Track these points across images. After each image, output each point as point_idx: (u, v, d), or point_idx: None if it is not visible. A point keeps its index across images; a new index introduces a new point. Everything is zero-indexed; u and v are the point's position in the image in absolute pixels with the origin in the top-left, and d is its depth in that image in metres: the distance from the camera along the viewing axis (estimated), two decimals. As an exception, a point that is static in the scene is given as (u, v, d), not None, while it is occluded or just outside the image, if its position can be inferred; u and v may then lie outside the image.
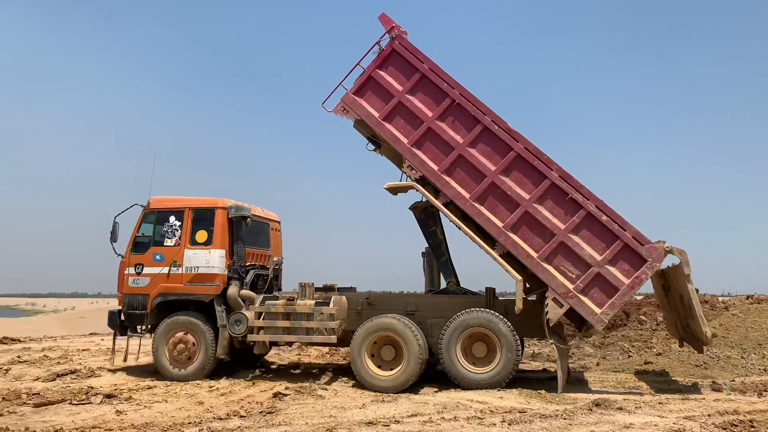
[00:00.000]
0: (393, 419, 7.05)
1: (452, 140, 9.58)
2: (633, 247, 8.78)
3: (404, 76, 9.93)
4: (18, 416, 7.36)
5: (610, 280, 8.74)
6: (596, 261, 8.83)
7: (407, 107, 9.84)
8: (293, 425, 6.80)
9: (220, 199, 10.85)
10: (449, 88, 9.72)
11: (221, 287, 10.43)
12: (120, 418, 7.34)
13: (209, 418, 7.30)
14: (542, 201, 9.18)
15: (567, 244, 9.00)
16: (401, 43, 9.97)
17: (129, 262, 10.75)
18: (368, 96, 10.06)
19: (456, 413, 7.37)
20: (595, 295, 8.79)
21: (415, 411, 7.56)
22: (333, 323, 9.86)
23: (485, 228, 9.35)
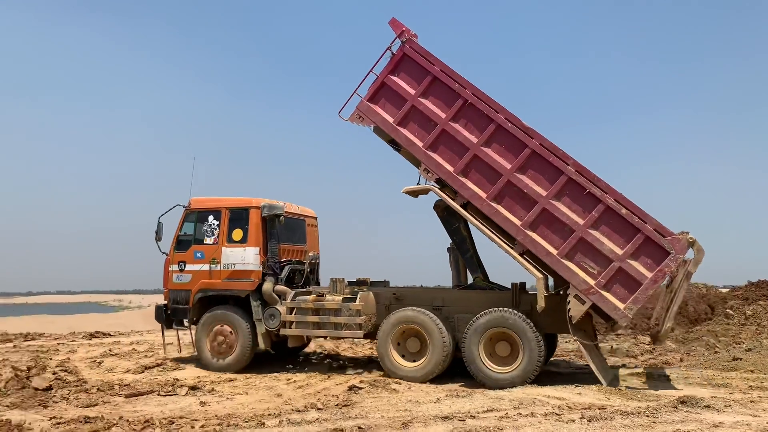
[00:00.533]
0: (469, 414, 7.00)
1: (466, 141, 9.51)
2: (655, 239, 8.50)
3: (416, 79, 9.89)
4: (112, 406, 7.78)
5: (633, 275, 8.51)
6: (617, 255, 8.62)
7: (421, 110, 9.81)
8: (369, 418, 6.87)
9: (254, 198, 11.21)
10: (461, 89, 9.62)
11: (256, 283, 10.81)
12: (204, 409, 7.63)
13: (288, 410, 7.48)
14: (560, 197, 9.03)
15: (587, 240, 8.79)
16: (412, 47, 9.91)
17: (173, 260, 11.31)
18: (382, 102, 10.08)
19: (533, 409, 7.24)
20: (617, 290, 8.58)
21: (490, 406, 7.47)
22: (359, 318, 10.10)
23: (504, 227, 9.26)
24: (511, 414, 6.99)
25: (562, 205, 8.99)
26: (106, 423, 6.62)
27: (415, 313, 9.82)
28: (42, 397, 8.07)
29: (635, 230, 8.62)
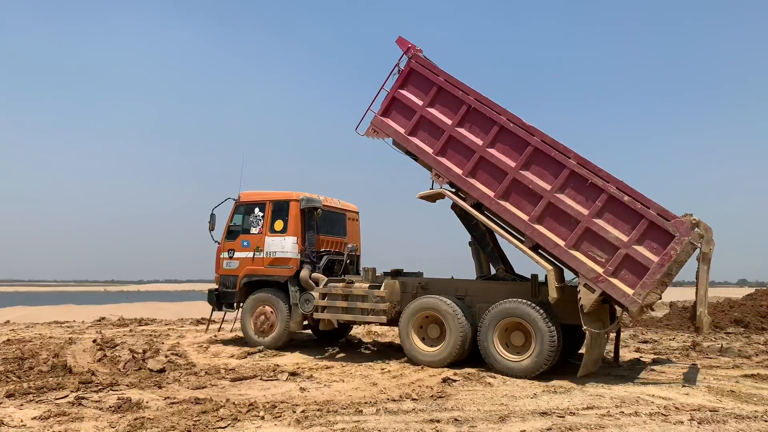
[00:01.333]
0: (568, 411, 6.81)
1: (472, 144, 10.02)
2: (659, 223, 8.57)
3: (423, 91, 10.55)
4: (219, 388, 8.17)
5: (640, 260, 8.58)
6: (623, 242, 8.72)
7: (429, 119, 10.43)
8: (465, 411, 6.83)
9: (294, 192, 12.32)
10: (464, 95, 10.15)
11: (294, 270, 11.88)
12: (304, 395, 7.86)
13: (383, 399, 7.57)
14: (563, 190, 9.29)
15: (592, 229, 8.97)
16: (417, 61, 10.60)
17: (223, 248, 12.60)
18: (394, 115, 10.81)
19: (636, 408, 6.94)
20: (626, 276, 8.68)
21: (590, 403, 7.23)
22: (383, 305, 10.75)
23: (513, 223, 9.62)
24: (613, 412, 6.73)
25: (566, 198, 9.27)
26: (214, 405, 6.96)
27: (434, 301, 10.32)
28: (156, 378, 8.60)
29: (639, 216, 8.75)
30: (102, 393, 7.50)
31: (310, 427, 6.13)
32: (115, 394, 7.36)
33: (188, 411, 6.72)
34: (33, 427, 5.96)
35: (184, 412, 6.66)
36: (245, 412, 6.72)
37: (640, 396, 7.70)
